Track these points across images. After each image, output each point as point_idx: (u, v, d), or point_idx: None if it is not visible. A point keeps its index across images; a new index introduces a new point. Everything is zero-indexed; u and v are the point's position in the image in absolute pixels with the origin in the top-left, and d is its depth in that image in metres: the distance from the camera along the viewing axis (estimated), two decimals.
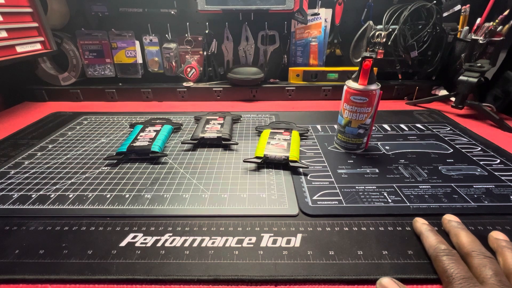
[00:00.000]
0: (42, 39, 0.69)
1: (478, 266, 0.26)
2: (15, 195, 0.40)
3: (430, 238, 0.30)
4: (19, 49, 0.63)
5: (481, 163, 0.47)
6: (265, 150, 0.47)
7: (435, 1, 0.71)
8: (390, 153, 0.51)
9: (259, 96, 0.81)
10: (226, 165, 0.47)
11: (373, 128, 0.60)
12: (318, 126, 0.62)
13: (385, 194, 0.40)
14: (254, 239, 0.32)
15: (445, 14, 0.73)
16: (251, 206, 0.38)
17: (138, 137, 0.52)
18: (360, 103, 0.45)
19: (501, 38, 0.64)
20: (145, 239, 0.32)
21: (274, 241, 0.32)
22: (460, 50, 0.73)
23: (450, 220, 0.33)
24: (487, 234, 0.31)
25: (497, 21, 0.63)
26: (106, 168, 0.47)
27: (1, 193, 0.41)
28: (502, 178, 0.43)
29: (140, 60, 0.80)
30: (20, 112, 0.73)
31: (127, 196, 0.40)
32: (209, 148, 0.53)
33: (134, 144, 0.49)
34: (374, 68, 0.50)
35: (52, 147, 0.54)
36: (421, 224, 0.32)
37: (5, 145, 0.55)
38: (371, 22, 0.75)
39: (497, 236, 0.30)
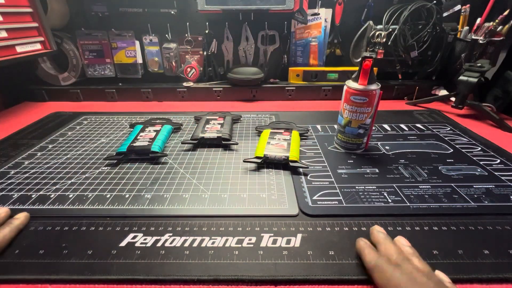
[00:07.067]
0: (42, 39, 0.69)
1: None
2: (15, 195, 0.40)
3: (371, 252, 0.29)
4: (19, 49, 0.63)
5: (481, 163, 0.47)
6: (265, 150, 0.47)
7: (435, 1, 0.71)
8: (390, 153, 0.51)
9: (259, 96, 0.81)
10: (226, 165, 0.47)
11: (373, 128, 0.60)
12: (318, 126, 0.62)
13: (385, 194, 0.40)
14: (254, 239, 0.32)
15: (445, 14, 0.73)
16: (251, 206, 0.38)
17: (138, 137, 0.52)
18: (360, 103, 0.45)
19: (501, 38, 0.64)
20: (145, 239, 0.32)
21: (274, 241, 0.32)
22: (460, 50, 0.73)
23: (379, 231, 0.31)
24: (487, 234, 0.31)
25: (497, 21, 0.63)
26: (106, 168, 0.47)
27: (1, 193, 0.41)
28: (502, 178, 0.43)
29: (140, 60, 0.80)
30: (20, 112, 0.73)
31: (127, 196, 0.40)
32: (209, 148, 0.53)
33: (134, 144, 0.49)
34: (374, 68, 0.50)
35: (52, 147, 0.54)
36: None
37: (5, 145, 0.55)
38: (371, 22, 0.75)
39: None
